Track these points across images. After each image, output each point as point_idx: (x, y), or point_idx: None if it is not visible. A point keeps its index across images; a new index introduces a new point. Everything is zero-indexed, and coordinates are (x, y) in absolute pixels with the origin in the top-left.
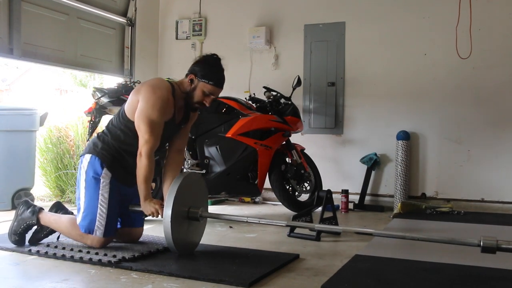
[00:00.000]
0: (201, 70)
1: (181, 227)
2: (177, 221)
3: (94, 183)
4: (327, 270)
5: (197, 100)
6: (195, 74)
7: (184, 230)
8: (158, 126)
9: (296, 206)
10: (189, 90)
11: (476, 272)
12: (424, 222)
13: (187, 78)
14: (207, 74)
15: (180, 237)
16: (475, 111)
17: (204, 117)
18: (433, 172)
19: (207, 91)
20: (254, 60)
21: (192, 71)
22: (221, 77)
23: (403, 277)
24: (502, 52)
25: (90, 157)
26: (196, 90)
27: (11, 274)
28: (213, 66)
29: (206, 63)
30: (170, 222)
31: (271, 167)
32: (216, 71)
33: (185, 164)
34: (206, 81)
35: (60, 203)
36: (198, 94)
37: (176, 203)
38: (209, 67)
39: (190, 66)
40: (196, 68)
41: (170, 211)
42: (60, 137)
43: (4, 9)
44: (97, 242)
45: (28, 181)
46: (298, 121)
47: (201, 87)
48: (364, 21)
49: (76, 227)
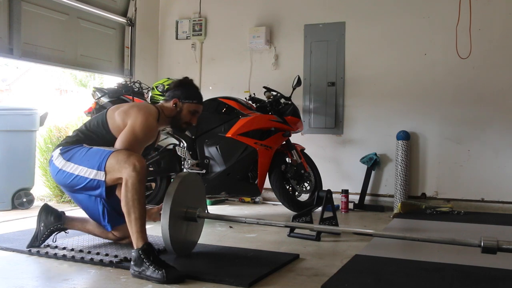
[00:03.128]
0: (183, 93)
1: (179, 228)
2: (175, 223)
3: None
4: (327, 270)
5: (185, 120)
6: (178, 97)
7: (183, 231)
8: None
9: (296, 206)
10: (175, 114)
11: (476, 272)
12: (424, 222)
13: (169, 103)
14: (189, 95)
15: (178, 238)
16: (475, 111)
17: (204, 117)
18: (433, 172)
19: (192, 110)
20: (254, 60)
21: (174, 95)
22: (200, 95)
23: (403, 277)
24: (502, 52)
25: (59, 149)
26: (183, 111)
27: (11, 274)
28: (192, 86)
29: (185, 86)
30: (167, 224)
31: (271, 167)
32: (195, 91)
33: (185, 164)
34: (190, 101)
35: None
36: (185, 115)
37: (174, 205)
38: (189, 89)
39: (169, 92)
40: (177, 92)
41: (167, 214)
42: (60, 137)
43: (4, 9)
44: None
45: (28, 181)
46: (298, 121)
47: (187, 108)
48: (364, 21)
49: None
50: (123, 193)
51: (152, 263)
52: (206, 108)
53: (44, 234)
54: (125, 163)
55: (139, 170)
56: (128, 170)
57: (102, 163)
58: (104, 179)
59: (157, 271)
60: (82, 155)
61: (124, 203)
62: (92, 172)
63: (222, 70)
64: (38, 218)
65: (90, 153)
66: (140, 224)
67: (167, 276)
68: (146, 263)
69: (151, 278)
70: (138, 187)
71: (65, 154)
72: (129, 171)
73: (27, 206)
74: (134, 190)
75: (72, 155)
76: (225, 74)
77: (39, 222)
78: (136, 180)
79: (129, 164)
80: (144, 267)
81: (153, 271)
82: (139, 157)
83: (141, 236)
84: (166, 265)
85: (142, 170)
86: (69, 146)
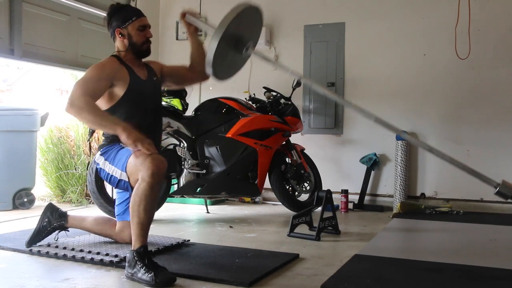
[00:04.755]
0: (118, 19)
1: (224, 51)
2: (224, 46)
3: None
4: (326, 270)
5: (138, 41)
6: (117, 26)
7: (225, 56)
8: (91, 81)
9: (296, 206)
10: (128, 43)
11: (476, 272)
12: (423, 222)
13: (116, 39)
14: (124, 17)
15: (219, 60)
16: (474, 111)
17: (204, 117)
18: (433, 172)
19: (138, 27)
20: (254, 61)
21: (113, 28)
22: (133, 9)
23: (403, 277)
24: (501, 53)
25: (99, 150)
26: (132, 35)
27: (11, 274)
28: (121, 8)
29: (115, 13)
30: (216, 45)
31: (271, 167)
32: (127, 9)
33: (185, 164)
34: (129, 22)
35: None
36: (135, 35)
37: (230, 28)
38: (120, 12)
39: (109, 29)
40: (113, 23)
41: (221, 33)
42: (61, 137)
43: (5, 10)
44: None
45: (29, 181)
46: (298, 121)
47: (132, 29)
48: (363, 22)
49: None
50: (133, 193)
51: (143, 266)
52: (207, 108)
53: (46, 230)
54: (141, 165)
55: (152, 175)
56: (142, 173)
57: (124, 163)
58: (128, 181)
59: (147, 274)
60: (114, 155)
61: (131, 205)
62: (121, 173)
63: None
64: (43, 214)
65: (121, 153)
66: (141, 228)
67: (156, 279)
68: (138, 265)
69: (141, 281)
70: (149, 193)
71: (105, 154)
72: (143, 174)
73: (28, 206)
74: (144, 195)
75: (108, 155)
76: None
77: (43, 219)
78: (148, 186)
79: (144, 168)
80: (136, 269)
81: (143, 273)
82: (155, 161)
83: (139, 239)
84: (157, 268)
85: (156, 175)
86: (106, 146)
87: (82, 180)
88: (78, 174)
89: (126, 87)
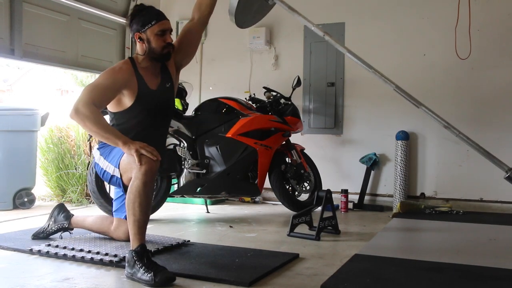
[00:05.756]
0: (138, 23)
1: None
2: None
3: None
4: (326, 269)
5: (158, 46)
6: (137, 30)
7: (254, 6)
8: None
9: (296, 206)
10: (147, 48)
11: (476, 272)
12: (423, 222)
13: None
14: (144, 20)
15: (244, 10)
16: (474, 112)
17: (205, 117)
18: (432, 172)
19: (157, 31)
20: (254, 61)
21: (133, 31)
22: (155, 12)
23: (403, 277)
24: (501, 53)
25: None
26: (151, 40)
27: (12, 273)
28: (142, 11)
29: (136, 16)
30: None
31: (271, 167)
32: (148, 11)
33: (186, 164)
34: (148, 26)
35: (63, 204)
36: (155, 41)
37: None
38: (141, 15)
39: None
40: (133, 26)
41: None
42: (61, 137)
43: (5, 10)
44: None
45: (29, 181)
46: (298, 121)
47: (151, 33)
48: (363, 22)
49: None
50: (128, 191)
51: (143, 265)
52: (207, 108)
53: (51, 229)
54: (134, 163)
55: (145, 172)
56: (135, 171)
57: (118, 160)
58: (120, 178)
59: (147, 274)
60: (109, 151)
61: (126, 203)
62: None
63: (222, 70)
64: (51, 213)
65: (116, 149)
66: (138, 226)
67: (155, 279)
68: (137, 265)
69: (141, 281)
70: (142, 190)
71: (101, 149)
72: (136, 172)
73: (28, 206)
74: (138, 192)
75: (104, 150)
76: (225, 74)
77: (50, 217)
78: (141, 183)
79: (137, 165)
80: (135, 269)
81: (143, 273)
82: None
83: (137, 238)
84: (157, 267)
85: (149, 172)
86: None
87: (82, 180)
88: (79, 174)
89: (134, 98)
